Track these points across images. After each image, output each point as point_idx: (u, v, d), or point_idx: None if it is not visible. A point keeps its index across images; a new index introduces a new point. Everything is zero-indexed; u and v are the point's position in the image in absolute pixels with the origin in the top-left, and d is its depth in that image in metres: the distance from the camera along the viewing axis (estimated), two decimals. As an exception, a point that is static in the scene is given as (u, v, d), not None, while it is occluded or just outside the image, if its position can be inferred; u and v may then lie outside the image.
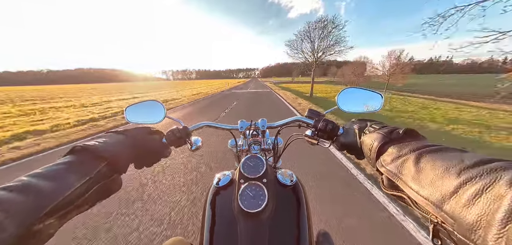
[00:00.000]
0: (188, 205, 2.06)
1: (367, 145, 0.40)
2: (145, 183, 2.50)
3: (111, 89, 37.70)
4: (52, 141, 4.56)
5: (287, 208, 0.48)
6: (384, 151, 0.36)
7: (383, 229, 1.73)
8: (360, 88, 0.64)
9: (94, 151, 0.37)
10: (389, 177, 0.33)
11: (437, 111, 9.06)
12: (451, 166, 0.24)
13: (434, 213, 0.24)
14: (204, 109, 9.11)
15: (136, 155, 0.48)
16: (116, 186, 0.41)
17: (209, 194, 0.53)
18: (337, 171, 2.75)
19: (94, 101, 13.99)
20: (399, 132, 0.37)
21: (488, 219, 0.18)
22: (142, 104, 0.69)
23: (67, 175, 0.32)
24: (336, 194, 2.22)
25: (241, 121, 0.70)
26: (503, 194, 0.18)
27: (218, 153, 3.35)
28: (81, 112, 9.06)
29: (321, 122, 0.56)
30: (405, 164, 0.30)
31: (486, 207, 0.19)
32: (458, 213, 0.21)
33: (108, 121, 6.90)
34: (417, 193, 0.27)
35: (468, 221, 0.20)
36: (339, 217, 1.84)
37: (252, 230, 0.42)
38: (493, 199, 0.18)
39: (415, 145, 0.32)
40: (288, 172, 0.56)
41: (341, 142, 0.51)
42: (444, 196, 0.23)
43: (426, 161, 0.28)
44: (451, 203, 0.22)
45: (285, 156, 0.73)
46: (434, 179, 0.25)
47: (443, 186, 0.23)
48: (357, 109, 0.62)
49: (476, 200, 0.20)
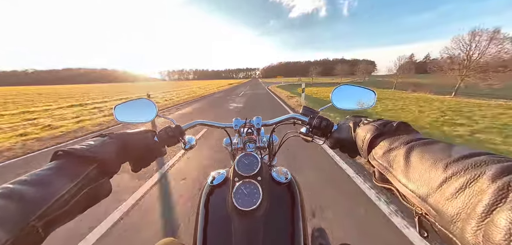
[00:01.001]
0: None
1: (361, 137, 0.41)
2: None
3: (93, 90, 32.91)
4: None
5: (281, 206, 0.48)
6: (377, 144, 0.36)
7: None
8: (354, 85, 0.65)
9: (81, 155, 0.36)
10: (380, 170, 0.33)
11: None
12: (438, 160, 0.25)
13: (419, 206, 0.25)
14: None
15: (127, 157, 0.47)
16: (106, 190, 0.40)
17: (203, 193, 0.53)
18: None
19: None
20: (392, 125, 0.37)
21: (468, 212, 0.19)
22: (132, 103, 0.67)
23: (54, 181, 0.30)
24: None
25: (235, 119, 0.69)
26: (485, 189, 0.18)
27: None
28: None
29: (316, 119, 0.57)
30: (396, 157, 0.31)
31: (467, 201, 0.19)
32: (441, 206, 0.21)
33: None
34: (405, 187, 0.27)
35: (449, 213, 0.20)
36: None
37: (246, 228, 0.42)
38: (475, 193, 0.19)
39: (406, 138, 0.32)
40: (283, 169, 0.55)
41: (335, 138, 0.52)
42: (430, 189, 0.23)
43: (416, 154, 0.28)
44: (436, 196, 0.22)
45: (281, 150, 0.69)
46: (422, 173, 0.25)
47: (429, 179, 0.24)
48: (351, 106, 0.63)
49: (459, 194, 0.20)
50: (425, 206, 0.24)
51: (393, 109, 8.51)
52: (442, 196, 0.22)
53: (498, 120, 5.79)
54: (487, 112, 7.06)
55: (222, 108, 9.34)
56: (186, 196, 2.18)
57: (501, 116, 6.28)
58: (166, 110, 9.18)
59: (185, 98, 13.97)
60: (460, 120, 5.91)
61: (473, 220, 0.18)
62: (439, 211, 0.22)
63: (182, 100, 12.90)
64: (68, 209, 0.31)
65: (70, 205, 0.31)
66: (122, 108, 0.65)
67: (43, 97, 18.43)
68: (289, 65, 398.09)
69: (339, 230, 1.65)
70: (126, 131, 0.50)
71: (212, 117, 5.07)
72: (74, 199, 0.32)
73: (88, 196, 0.35)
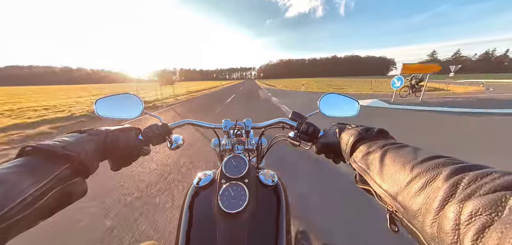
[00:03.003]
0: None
1: (344, 141, 0.43)
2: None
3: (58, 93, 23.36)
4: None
5: (267, 208, 0.49)
6: (357, 148, 0.39)
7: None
8: (339, 94, 0.69)
9: (53, 152, 0.32)
10: (360, 172, 0.36)
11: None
12: (406, 162, 0.28)
13: (391, 204, 0.28)
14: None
15: (107, 155, 0.45)
16: (80, 191, 0.36)
17: (188, 194, 0.52)
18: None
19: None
20: (373, 130, 0.40)
21: (427, 208, 0.21)
22: (117, 97, 0.63)
23: (19, 180, 0.27)
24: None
25: (225, 120, 0.69)
26: (440, 187, 0.21)
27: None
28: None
29: (303, 124, 0.58)
30: (373, 160, 0.33)
31: (427, 198, 0.22)
32: (407, 203, 0.24)
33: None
34: (380, 187, 0.30)
35: (413, 209, 0.23)
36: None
37: (231, 230, 0.42)
38: (433, 191, 0.22)
39: (382, 142, 0.35)
40: (270, 172, 0.56)
41: (321, 143, 0.54)
42: (399, 188, 0.26)
43: (389, 157, 0.31)
44: (403, 194, 0.25)
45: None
46: (393, 174, 0.28)
47: (399, 180, 0.27)
48: (337, 113, 0.66)
49: (421, 192, 0.23)
50: (395, 203, 0.27)
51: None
52: (409, 194, 0.24)
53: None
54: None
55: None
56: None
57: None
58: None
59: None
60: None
61: (430, 214, 0.20)
62: (405, 207, 0.25)
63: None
64: (34, 211, 0.28)
65: (36, 207, 0.28)
66: (104, 102, 0.62)
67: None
68: (291, 62, 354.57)
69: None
70: (108, 127, 0.48)
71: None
72: (42, 200, 0.29)
73: (59, 197, 0.32)
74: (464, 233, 0.16)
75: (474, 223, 0.16)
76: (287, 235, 0.47)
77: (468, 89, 16.38)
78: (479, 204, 0.17)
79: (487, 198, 0.17)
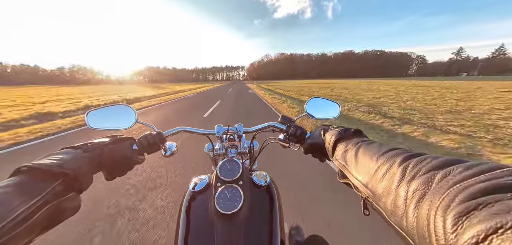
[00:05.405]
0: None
1: (328, 141, 0.49)
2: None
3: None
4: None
5: (261, 208, 0.51)
6: (337, 147, 0.44)
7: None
8: (323, 98, 0.75)
9: (46, 169, 0.33)
10: (340, 168, 0.41)
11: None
12: (373, 155, 0.33)
13: (364, 191, 0.32)
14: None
15: (101, 167, 0.46)
16: (73, 207, 0.36)
17: (185, 199, 0.53)
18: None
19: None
20: (350, 130, 0.46)
21: (388, 190, 0.26)
22: (108, 108, 0.63)
23: (9, 199, 0.27)
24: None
25: (218, 125, 0.71)
26: (395, 172, 0.26)
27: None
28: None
29: (292, 127, 0.63)
30: (350, 156, 0.38)
31: (387, 181, 0.27)
32: (375, 188, 0.29)
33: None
34: (356, 178, 0.35)
35: (379, 192, 0.28)
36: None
37: (228, 231, 0.44)
38: (391, 176, 0.27)
39: (357, 140, 0.41)
40: (262, 173, 0.59)
41: (308, 144, 0.59)
42: (369, 177, 0.31)
43: (361, 152, 0.36)
44: (372, 181, 0.30)
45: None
46: (364, 165, 0.33)
47: (369, 169, 0.32)
48: (321, 116, 0.72)
49: (384, 177, 0.28)
50: (367, 190, 0.31)
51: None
52: (376, 180, 0.29)
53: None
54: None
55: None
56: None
57: None
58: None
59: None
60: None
61: (390, 195, 0.25)
62: (374, 192, 0.29)
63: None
64: (27, 228, 0.28)
65: (28, 224, 0.28)
66: (96, 114, 0.62)
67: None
68: (295, 59, 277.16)
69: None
70: (102, 140, 0.48)
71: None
72: (34, 217, 0.29)
73: (52, 213, 0.32)
74: (408, 205, 0.22)
75: (414, 196, 0.21)
76: (281, 231, 0.50)
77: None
78: (418, 183, 0.22)
79: (423, 177, 0.22)
